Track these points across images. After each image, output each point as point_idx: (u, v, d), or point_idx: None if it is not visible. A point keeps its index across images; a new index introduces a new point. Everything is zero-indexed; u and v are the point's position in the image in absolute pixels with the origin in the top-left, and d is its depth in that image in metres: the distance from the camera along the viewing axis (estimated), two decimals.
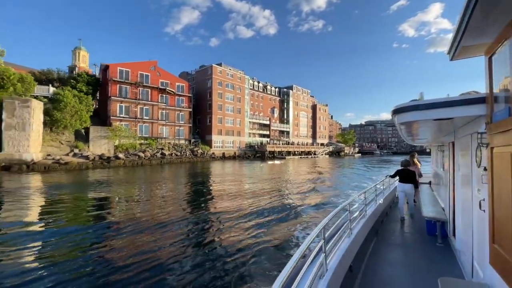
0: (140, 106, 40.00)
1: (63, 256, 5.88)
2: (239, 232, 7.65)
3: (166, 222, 8.47)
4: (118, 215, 9.60)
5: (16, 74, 28.74)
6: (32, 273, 5.02)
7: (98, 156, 30.16)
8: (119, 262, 5.50)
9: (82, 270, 5.18)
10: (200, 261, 5.64)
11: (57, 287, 4.55)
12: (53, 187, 15.29)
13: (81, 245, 6.60)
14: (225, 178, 21.42)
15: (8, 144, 24.79)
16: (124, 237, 7.08)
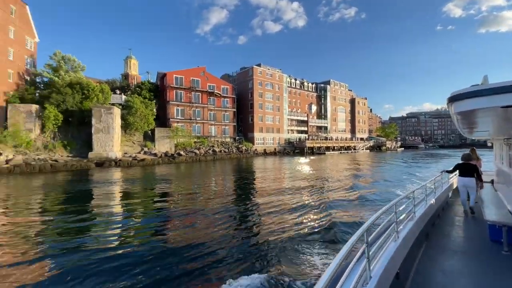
0: (193, 109, 44.65)
1: (135, 231, 8.20)
2: (277, 226, 8.13)
3: (219, 209, 10.30)
4: (180, 200, 12.51)
5: (97, 86, 34.77)
6: (111, 245, 6.91)
7: (163, 154, 35.07)
8: (177, 238, 7.40)
9: (149, 239, 7.44)
10: (238, 250, 6.45)
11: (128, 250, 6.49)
12: (131, 180, 19.38)
13: (150, 223, 9.14)
14: (268, 172, 23.70)
15: (97, 144, 30.54)
16: (183, 218, 9.46)
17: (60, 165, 25.21)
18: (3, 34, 29.74)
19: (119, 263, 5.73)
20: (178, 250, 6.49)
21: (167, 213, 10.47)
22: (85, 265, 5.65)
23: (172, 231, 8.36)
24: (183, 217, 9.68)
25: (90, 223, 9.13)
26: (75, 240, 7.39)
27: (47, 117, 28.98)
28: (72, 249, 6.64)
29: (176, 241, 7.21)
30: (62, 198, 13.28)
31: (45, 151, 28.56)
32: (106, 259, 5.92)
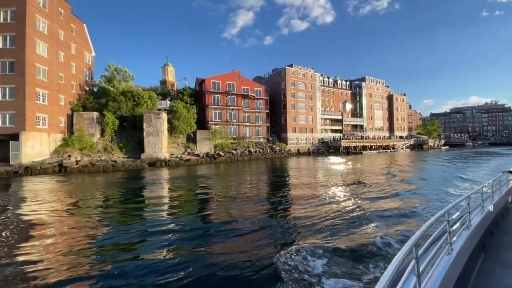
0: (229, 111, 46.57)
1: (182, 221, 9.51)
2: (312, 234, 7.69)
3: (258, 203, 11.29)
4: (222, 195, 13.62)
5: (146, 93, 38.04)
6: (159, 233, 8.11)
7: (205, 154, 37.23)
8: (219, 223, 8.71)
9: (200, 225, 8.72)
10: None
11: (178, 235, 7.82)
12: (179, 177, 21.37)
13: (196, 214, 10.46)
14: (302, 172, 23.96)
15: (148, 146, 33.49)
16: (224, 211, 10.58)
17: (119, 165, 28.30)
18: (67, 51, 34.05)
19: (170, 250, 6.82)
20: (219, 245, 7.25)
21: (210, 205, 11.81)
22: (139, 246, 6.95)
23: (214, 224, 9.19)
24: (225, 213, 10.57)
25: (146, 212, 10.76)
26: (133, 226, 8.84)
27: (106, 123, 32.56)
28: (129, 233, 8.05)
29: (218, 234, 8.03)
30: (123, 193, 15.34)
31: (104, 153, 32.14)
32: (159, 243, 7.16)
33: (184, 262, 5.98)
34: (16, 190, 16.66)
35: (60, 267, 5.85)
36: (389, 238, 7.18)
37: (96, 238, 7.77)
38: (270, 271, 5.42)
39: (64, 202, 13.06)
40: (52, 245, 7.08)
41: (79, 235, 7.89)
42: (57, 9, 31.70)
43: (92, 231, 8.38)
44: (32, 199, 13.61)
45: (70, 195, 14.96)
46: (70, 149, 30.26)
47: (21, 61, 26.53)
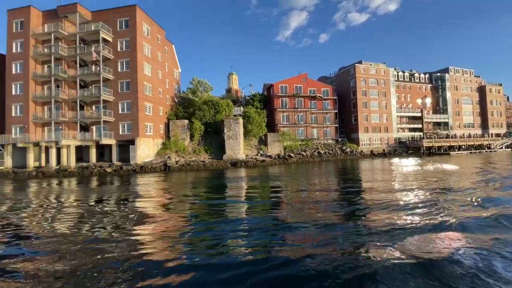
0: (297, 114, 47.59)
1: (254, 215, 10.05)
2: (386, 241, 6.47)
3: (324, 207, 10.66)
4: (291, 195, 13.87)
5: (224, 101, 42.24)
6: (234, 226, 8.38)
7: (276, 156, 39.09)
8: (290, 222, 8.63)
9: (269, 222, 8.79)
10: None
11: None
12: (254, 176, 22.75)
13: (267, 210, 10.87)
14: (377, 175, 21.66)
15: (228, 149, 37.14)
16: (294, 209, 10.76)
17: (208, 165, 32.39)
18: (163, 69, 40.64)
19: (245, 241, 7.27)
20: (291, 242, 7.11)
21: (283, 203, 12.25)
22: (217, 235, 7.74)
23: (284, 222, 9.04)
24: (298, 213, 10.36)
25: (226, 205, 12.26)
26: (214, 218, 10.02)
27: (195, 129, 37.61)
28: (211, 224, 9.11)
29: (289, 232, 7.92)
30: (211, 187, 17.86)
31: (194, 154, 37.13)
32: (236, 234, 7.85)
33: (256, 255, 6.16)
34: (135, 184, 21.04)
35: (156, 249, 6.76)
36: None
37: (189, 222, 9.38)
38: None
39: (168, 194, 15.91)
40: (155, 228, 8.69)
41: (176, 222, 9.39)
42: (156, 35, 38.36)
43: (186, 218, 10.06)
44: (147, 190, 17.26)
45: (172, 188, 18.22)
46: (169, 151, 36.07)
47: (134, 80, 33.18)
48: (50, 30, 32.63)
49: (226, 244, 6.85)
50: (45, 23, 33.77)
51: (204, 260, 5.85)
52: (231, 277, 5.03)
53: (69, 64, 34.26)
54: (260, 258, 5.87)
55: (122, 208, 12.07)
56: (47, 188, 19.96)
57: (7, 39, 33.77)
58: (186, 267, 5.45)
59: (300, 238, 7.19)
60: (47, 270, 5.58)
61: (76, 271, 5.43)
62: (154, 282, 4.89)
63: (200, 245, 7.00)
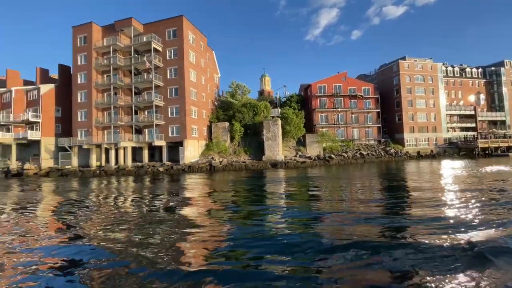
0: (336, 114, 46.57)
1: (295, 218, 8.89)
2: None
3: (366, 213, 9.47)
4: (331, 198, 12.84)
5: (262, 103, 42.97)
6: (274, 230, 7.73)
7: (316, 157, 38.70)
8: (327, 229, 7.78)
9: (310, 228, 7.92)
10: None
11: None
12: (295, 177, 22.57)
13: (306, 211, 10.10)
14: (431, 179, 19.08)
15: (268, 150, 37.72)
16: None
17: (249, 165, 33.31)
18: (205, 75, 42.63)
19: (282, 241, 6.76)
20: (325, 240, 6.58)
21: (323, 205, 11.60)
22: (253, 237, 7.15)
23: (322, 225, 8.49)
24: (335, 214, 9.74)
25: (264, 205, 12.15)
26: (253, 217, 9.74)
27: (236, 131, 38.89)
28: (248, 223, 8.90)
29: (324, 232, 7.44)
30: (253, 187, 17.98)
31: (234, 155, 38.38)
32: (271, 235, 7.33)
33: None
34: (184, 182, 22.35)
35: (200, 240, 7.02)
36: None
37: (232, 216, 9.78)
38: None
39: (212, 191, 16.63)
40: (201, 223, 9.09)
41: (220, 219, 9.64)
42: (199, 43, 40.45)
43: (230, 212, 10.50)
44: (195, 188, 18.22)
45: (217, 186, 18.95)
46: (211, 152, 37.78)
47: (182, 86, 35.39)
48: (109, 43, 36.29)
49: (260, 266, 5.40)
50: (104, 37, 37.64)
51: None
52: None
53: (125, 73, 37.75)
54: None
55: (177, 203, 13.12)
56: (114, 184, 22.28)
57: (73, 52, 38.32)
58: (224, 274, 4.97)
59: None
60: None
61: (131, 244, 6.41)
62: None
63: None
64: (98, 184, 23.23)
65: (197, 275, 4.75)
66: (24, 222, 9.86)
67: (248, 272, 4.95)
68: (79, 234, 7.89)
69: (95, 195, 16.86)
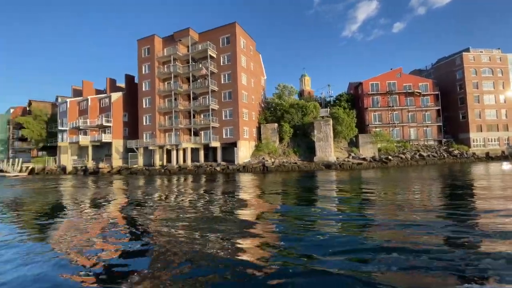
0: (390, 112, 44.11)
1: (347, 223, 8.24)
2: None
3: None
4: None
5: (311, 104, 42.66)
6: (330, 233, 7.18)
7: (371, 158, 37.10)
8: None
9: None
10: None
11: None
12: (348, 180, 21.34)
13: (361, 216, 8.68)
14: None
15: (319, 151, 37.29)
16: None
17: (301, 166, 33.35)
18: (254, 78, 43.78)
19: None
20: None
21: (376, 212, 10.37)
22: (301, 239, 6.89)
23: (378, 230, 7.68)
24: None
25: (317, 206, 11.58)
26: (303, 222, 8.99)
27: (285, 131, 39.26)
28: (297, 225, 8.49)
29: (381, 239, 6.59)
30: (304, 187, 17.50)
31: (284, 156, 38.74)
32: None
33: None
34: (240, 181, 23.04)
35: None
36: None
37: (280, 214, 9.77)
38: None
39: (268, 191, 16.65)
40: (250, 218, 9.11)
41: (271, 216, 9.74)
42: (249, 47, 41.81)
43: (278, 211, 10.50)
44: (251, 187, 18.54)
45: (272, 186, 19.06)
46: (261, 153, 38.65)
47: (235, 90, 36.95)
48: (169, 53, 39.55)
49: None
50: (164, 47, 41.14)
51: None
52: None
53: (183, 79, 40.75)
54: None
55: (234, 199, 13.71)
56: (179, 182, 24.16)
57: (138, 63, 42.56)
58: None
59: None
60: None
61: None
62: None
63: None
64: (164, 181, 25.41)
65: (248, 270, 4.92)
66: (101, 212, 11.43)
67: (297, 270, 4.91)
68: (145, 228, 8.49)
69: (162, 191, 18.47)
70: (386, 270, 4.71)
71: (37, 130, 53.02)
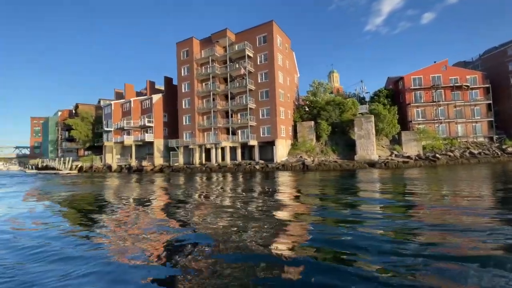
0: (435, 108, 41.62)
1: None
2: None
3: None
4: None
5: (349, 100, 41.53)
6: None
7: (416, 156, 35.31)
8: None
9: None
10: None
11: None
12: (392, 179, 20.07)
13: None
14: None
15: (360, 149, 36.19)
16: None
17: (343, 165, 32.60)
18: (289, 76, 43.51)
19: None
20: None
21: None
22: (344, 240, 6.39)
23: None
24: None
25: (359, 209, 10.42)
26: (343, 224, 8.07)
27: (322, 129, 38.61)
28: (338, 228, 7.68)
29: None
30: (347, 186, 16.62)
31: (321, 154, 38.14)
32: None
33: None
34: (279, 178, 22.87)
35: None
36: None
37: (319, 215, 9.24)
38: None
39: (311, 190, 15.83)
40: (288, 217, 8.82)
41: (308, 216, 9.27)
42: (285, 45, 41.62)
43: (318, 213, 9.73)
44: (294, 185, 18.14)
45: (314, 184, 18.45)
46: (298, 151, 38.40)
47: (272, 89, 37.03)
48: (207, 54, 40.62)
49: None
50: (201, 49, 42.30)
51: None
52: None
53: (220, 80, 41.63)
54: None
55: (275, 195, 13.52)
56: (220, 179, 24.62)
57: (177, 65, 44.19)
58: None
59: None
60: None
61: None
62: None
63: None
64: (206, 179, 25.94)
65: (287, 265, 4.89)
66: (145, 208, 11.91)
67: (335, 267, 4.83)
68: (188, 222, 8.66)
69: (210, 188, 18.85)
70: (432, 276, 4.33)
71: (84, 131, 57.22)
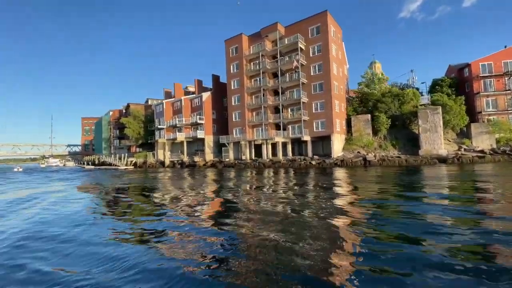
0: (509, 97, 37.22)
1: None
2: None
3: None
4: None
5: (410, 90, 38.77)
6: None
7: (491, 151, 31.91)
8: None
9: None
10: None
11: None
12: (468, 174, 17.50)
13: None
14: None
15: (425, 143, 33.65)
16: None
17: (410, 160, 30.55)
18: (341, 67, 41.71)
19: None
20: None
21: None
22: None
23: None
24: None
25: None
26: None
27: (381, 123, 36.53)
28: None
29: None
30: (398, 186, 14.62)
31: (380, 149, 36.18)
32: None
33: None
34: (333, 174, 21.50)
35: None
36: None
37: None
38: None
39: (375, 186, 14.53)
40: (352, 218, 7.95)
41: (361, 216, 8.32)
42: (337, 35, 39.93)
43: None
44: (341, 181, 16.80)
45: (378, 180, 16.97)
46: (354, 146, 36.84)
47: (327, 81, 35.80)
48: (257, 50, 40.47)
49: None
50: (250, 45, 42.24)
51: None
52: None
53: (269, 75, 41.32)
54: None
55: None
56: (275, 175, 24.22)
57: (226, 63, 44.70)
58: None
59: None
60: None
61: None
62: None
63: None
64: (260, 174, 25.58)
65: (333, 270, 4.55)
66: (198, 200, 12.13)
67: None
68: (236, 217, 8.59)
69: (262, 183, 18.47)
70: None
71: (136, 129, 60.89)
